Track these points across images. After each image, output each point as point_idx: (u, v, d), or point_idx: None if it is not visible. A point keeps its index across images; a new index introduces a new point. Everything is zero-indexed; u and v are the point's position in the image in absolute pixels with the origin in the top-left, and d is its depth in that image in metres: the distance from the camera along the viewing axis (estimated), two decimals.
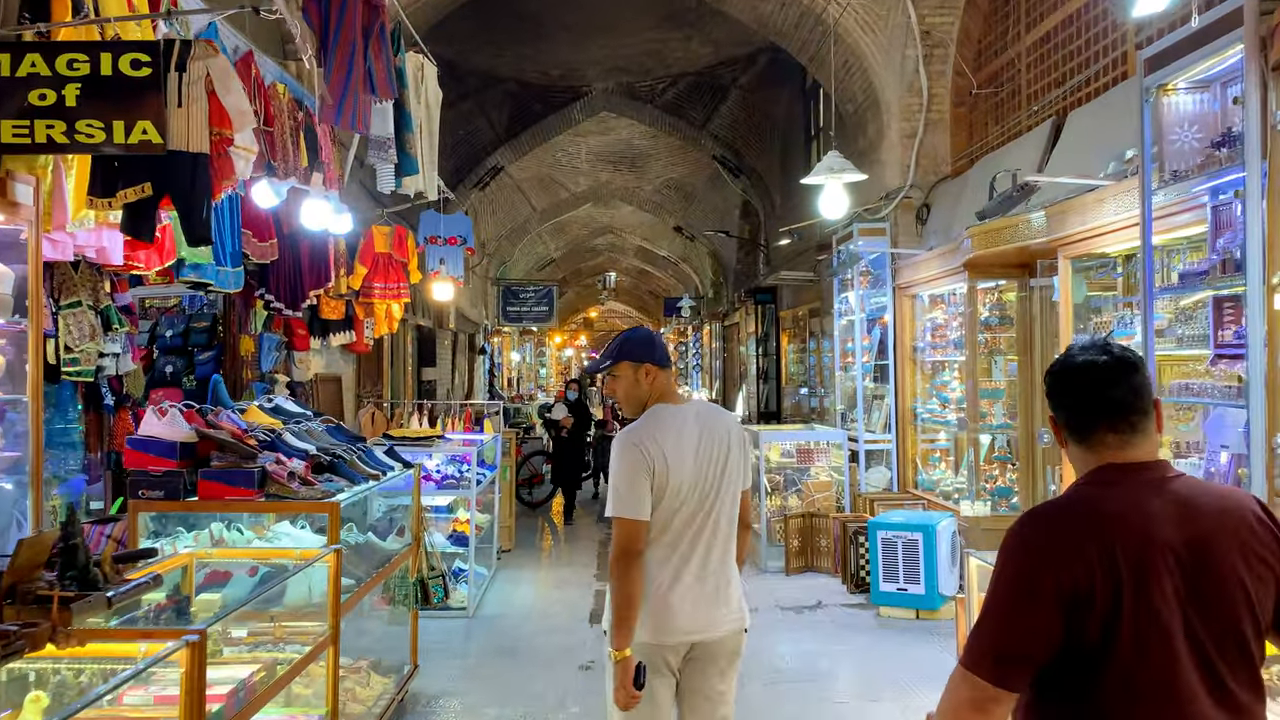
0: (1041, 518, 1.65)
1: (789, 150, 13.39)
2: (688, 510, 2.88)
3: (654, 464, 2.83)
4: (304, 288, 6.83)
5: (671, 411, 3.00)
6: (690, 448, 2.91)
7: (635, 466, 2.82)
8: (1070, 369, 1.69)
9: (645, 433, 2.89)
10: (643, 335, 3.22)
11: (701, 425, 2.99)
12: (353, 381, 9.42)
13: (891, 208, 8.47)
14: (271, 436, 3.98)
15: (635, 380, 3.04)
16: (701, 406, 3.26)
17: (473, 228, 8.96)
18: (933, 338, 8.03)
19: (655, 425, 2.92)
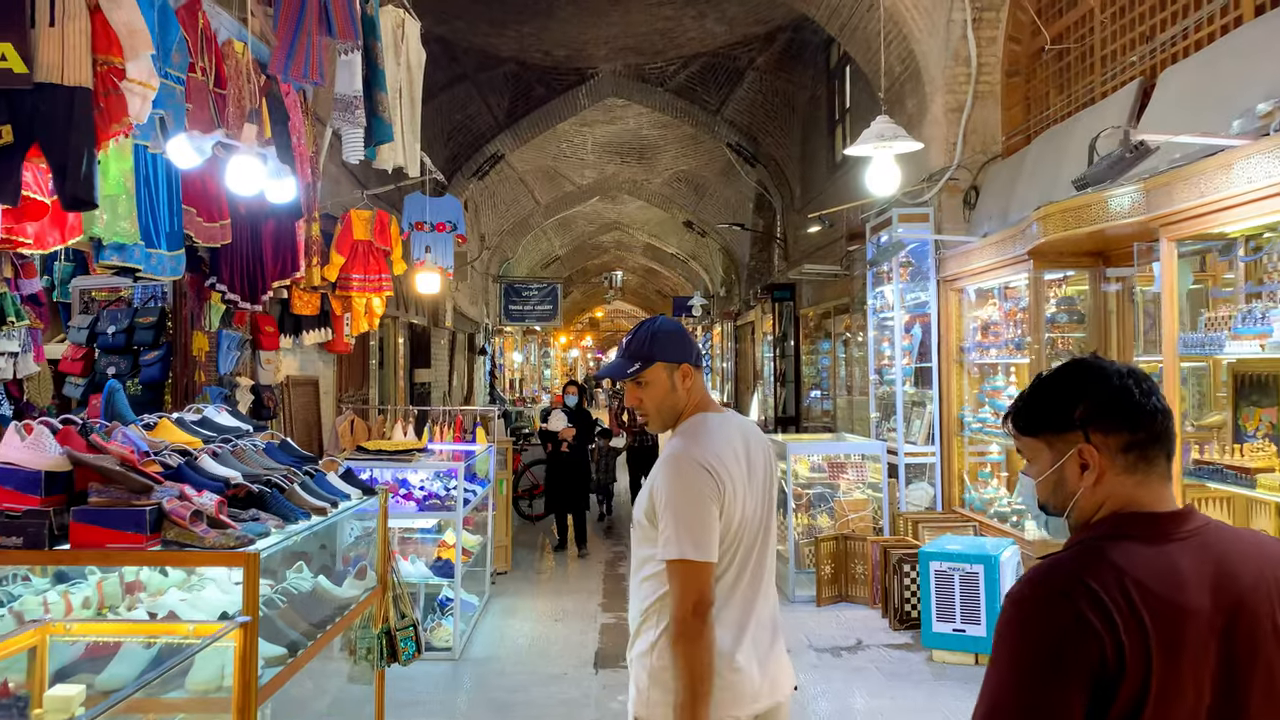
0: (1060, 575, 1.38)
1: (810, 136, 12.46)
2: (745, 548, 2.36)
3: (724, 491, 2.28)
4: (265, 278, 5.92)
5: (718, 423, 2.42)
6: (745, 470, 2.37)
7: (706, 495, 2.25)
8: (1137, 375, 1.45)
9: (709, 451, 2.31)
10: (674, 327, 2.49)
11: (747, 442, 2.45)
12: (333, 385, 8.52)
13: (935, 191, 7.53)
14: (182, 461, 3.06)
15: (671, 386, 2.42)
16: (739, 418, 2.59)
17: (464, 213, 8.05)
18: (983, 337, 7.09)
19: (711, 441, 2.35)
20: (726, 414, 2.52)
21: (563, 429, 9.02)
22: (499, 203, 18.32)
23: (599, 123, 17.32)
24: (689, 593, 2.18)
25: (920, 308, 7.66)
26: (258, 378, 6.81)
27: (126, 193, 4.20)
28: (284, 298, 7.12)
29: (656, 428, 2.56)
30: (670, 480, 2.28)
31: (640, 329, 2.49)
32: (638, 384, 2.45)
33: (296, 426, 7.49)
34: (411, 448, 5.85)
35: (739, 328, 19.33)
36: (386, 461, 5.77)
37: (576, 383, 9.76)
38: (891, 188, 6.46)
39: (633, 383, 2.46)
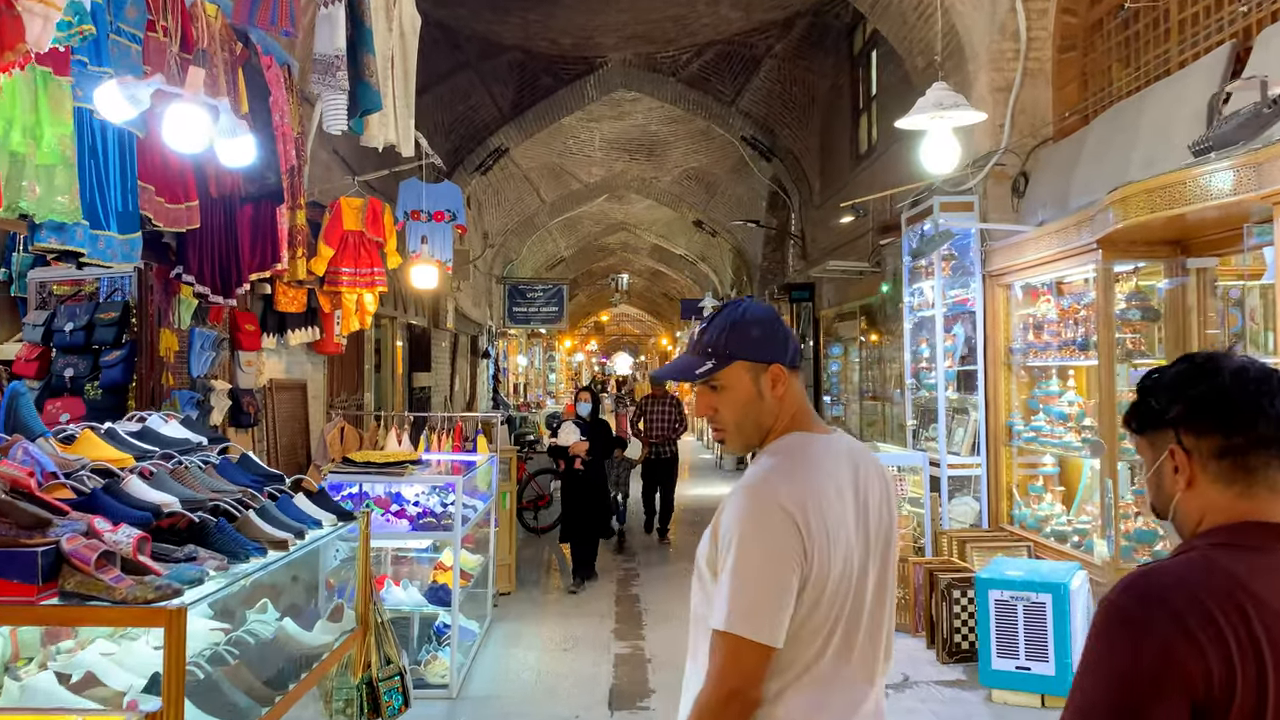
0: (1164, 585, 1.25)
1: (831, 127, 11.82)
2: (844, 617, 1.73)
3: (811, 547, 1.67)
4: (241, 269, 5.30)
5: (820, 448, 1.81)
6: (853, 513, 1.76)
7: (783, 550, 1.65)
8: (1257, 376, 1.32)
9: (799, 487, 1.70)
10: (763, 314, 1.89)
11: (858, 475, 1.82)
12: (323, 389, 7.88)
13: (980, 177, 6.88)
14: (99, 485, 2.43)
15: (756, 394, 1.83)
16: (849, 441, 1.93)
17: (464, 201, 7.40)
18: (1034, 337, 6.44)
19: (806, 473, 1.74)
20: (833, 435, 1.88)
21: (574, 443, 7.88)
22: (503, 201, 17.70)
23: (606, 118, 16.71)
24: (727, 678, 1.64)
25: (961, 305, 7.01)
26: (236, 381, 6.18)
27: (65, 163, 3.57)
28: (266, 293, 6.49)
29: (736, 447, 1.92)
30: (739, 521, 1.68)
31: (718, 316, 1.87)
32: (711, 389, 1.85)
33: (281, 434, 6.85)
34: (404, 459, 5.21)
35: None
36: (375, 475, 5.13)
37: (590, 389, 8.55)
38: (950, 164, 5.79)
39: (705, 387, 1.86)
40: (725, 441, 1.93)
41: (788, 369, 1.83)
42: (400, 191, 7.13)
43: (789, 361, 1.84)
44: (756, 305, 1.95)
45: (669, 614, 6.98)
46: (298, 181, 6.22)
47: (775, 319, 1.91)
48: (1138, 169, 5.11)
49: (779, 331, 1.85)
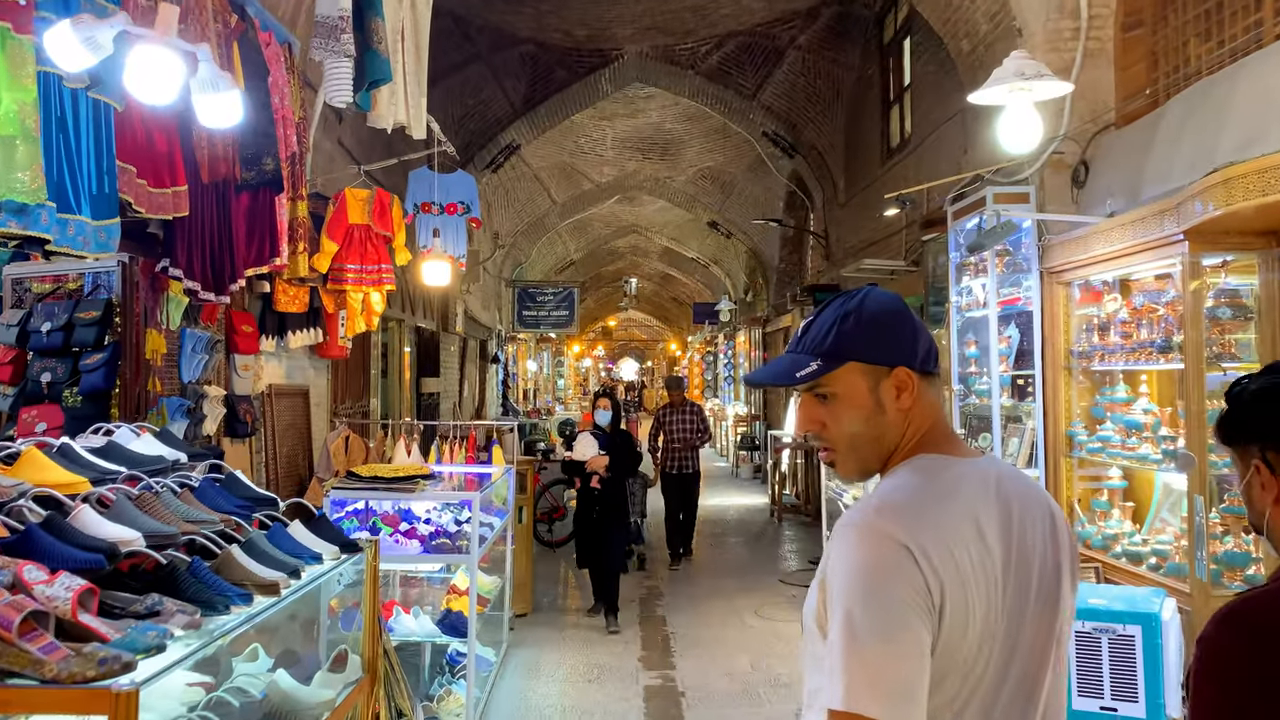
0: (1262, 619, 1.19)
1: (858, 121, 11.31)
2: (990, 692, 1.31)
3: (943, 597, 1.27)
4: (235, 264, 4.80)
5: (955, 476, 1.40)
6: (1000, 560, 1.35)
7: (903, 598, 1.24)
8: None
9: (921, 521, 1.31)
10: (887, 304, 1.48)
11: (1010, 512, 1.39)
12: (326, 395, 7.38)
13: (1036, 167, 6.36)
14: (35, 521, 1.92)
15: (874, 404, 1.42)
16: (999, 468, 1.48)
17: (478, 193, 6.90)
18: (1100, 339, 5.90)
19: (932, 506, 1.34)
20: (979, 460, 1.45)
21: (592, 458, 6.82)
22: (513, 201, 17.22)
23: (619, 116, 16.24)
24: None
25: (1013, 305, 6.48)
26: (232, 387, 5.69)
27: (26, 134, 3.08)
28: (265, 292, 6.01)
29: (850, 472, 1.48)
30: (846, 569, 1.29)
31: (828, 305, 1.47)
32: (817, 397, 1.44)
33: (281, 445, 6.35)
34: (414, 473, 4.70)
35: (769, 335, 18.15)
36: (383, 491, 4.62)
37: (610, 394, 7.32)
38: (1032, 141, 5.23)
39: (809, 396, 1.45)
40: (836, 465, 1.48)
41: (917, 374, 1.44)
42: (410, 182, 6.63)
43: (919, 364, 1.44)
44: (879, 293, 1.49)
45: (697, 640, 6.46)
46: (299, 170, 5.73)
47: (902, 310, 1.48)
48: (1231, 151, 4.58)
49: (906, 326, 1.45)
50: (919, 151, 8.95)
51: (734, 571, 8.82)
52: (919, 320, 1.49)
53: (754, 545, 10.42)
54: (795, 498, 12.79)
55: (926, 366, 1.46)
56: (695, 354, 29.28)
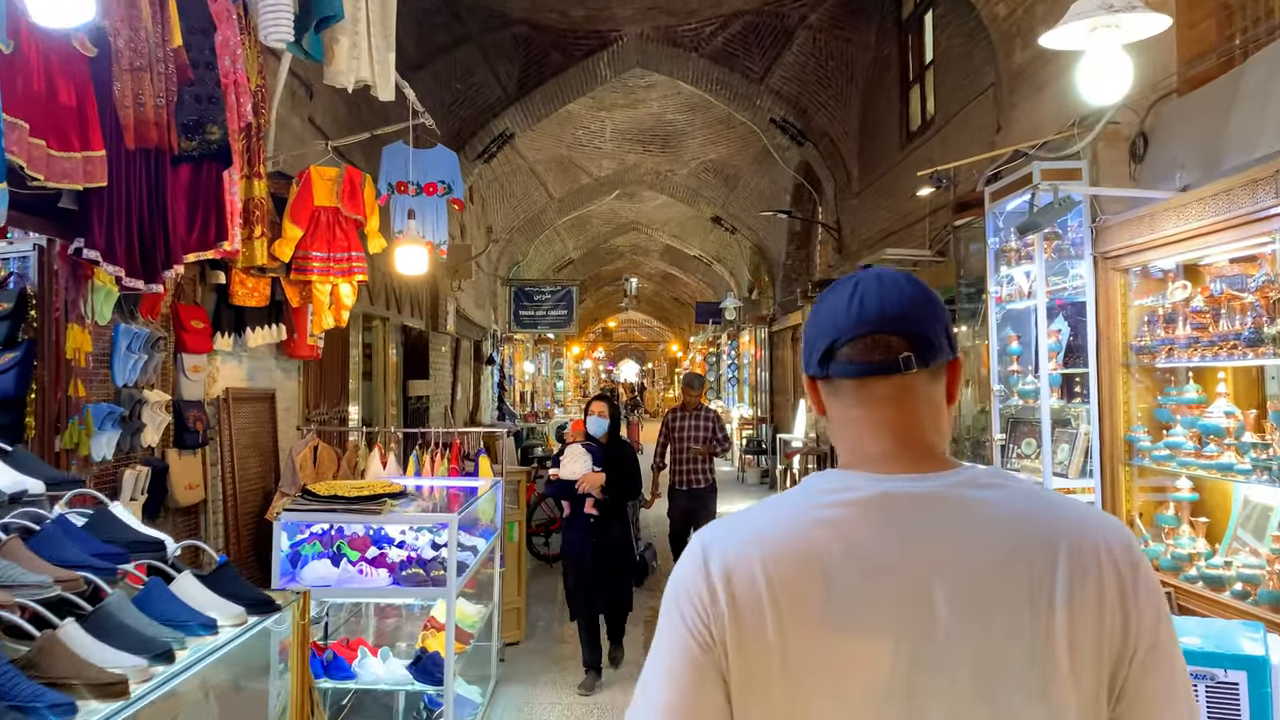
0: None
1: (873, 105, 10.62)
2: None
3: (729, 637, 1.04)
4: (172, 246, 4.11)
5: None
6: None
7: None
8: None
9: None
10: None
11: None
12: (297, 400, 6.68)
13: (1089, 139, 5.66)
14: None
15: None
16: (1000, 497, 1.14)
17: (461, 171, 6.17)
18: (1165, 331, 5.20)
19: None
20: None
21: (584, 477, 5.43)
22: (509, 196, 16.54)
23: (619, 106, 15.57)
24: None
25: (1061, 294, 5.78)
26: (180, 391, 4.99)
27: None
28: (220, 283, 5.31)
29: None
30: None
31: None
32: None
33: (241, 456, 5.65)
34: (382, 490, 4.01)
35: (775, 334, 17.46)
36: (342, 513, 3.92)
37: (606, 398, 5.94)
38: (1119, 91, 4.48)
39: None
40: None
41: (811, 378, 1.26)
42: (383, 159, 5.92)
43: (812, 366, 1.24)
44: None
45: None
46: (256, 145, 5.05)
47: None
48: None
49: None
50: (944, 133, 8.26)
51: None
52: (832, 301, 1.20)
53: None
54: None
55: (823, 369, 1.20)
56: (697, 355, 28.58)
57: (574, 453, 5.51)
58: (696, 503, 7.87)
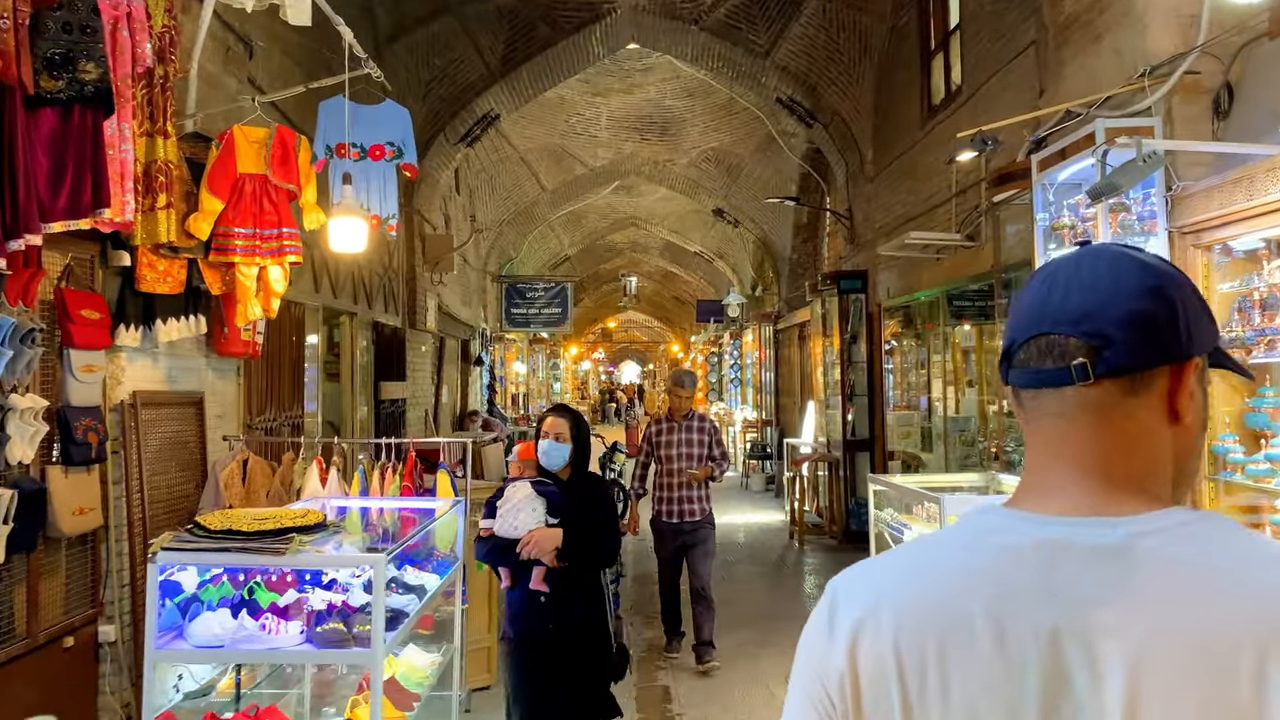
0: None
1: (890, 80, 9.72)
2: None
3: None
4: (23, 211, 3.22)
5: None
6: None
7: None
8: None
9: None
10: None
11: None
12: (236, 404, 5.80)
13: (1162, 92, 4.77)
14: None
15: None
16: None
17: (412, 130, 5.24)
18: (1263, 319, 4.31)
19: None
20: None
21: (532, 533, 3.51)
22: (498, 187, 15.66)
23: (614, 91, 14.70)
24: None
25: None
26: (67, 396, 4.10)
27: None
28: (124, 265, 4.43)
29: None
30: None
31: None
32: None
33: (157, 471, 4.76)
34: (292, 524, 3.12)
35: (781, 332, 16.57)
36: (236, 552, 3.03)
37: (572, 410, 3.99)
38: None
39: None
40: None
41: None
42: (320, 117, 5.00)
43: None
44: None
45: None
46: (162, 98, 4.16)
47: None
48: None
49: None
50: (974, 102, 7.37)
51: (752, 617, 7.21)
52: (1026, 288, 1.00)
53: (774, 578, 8.82)
54: (817, 515, 11.19)
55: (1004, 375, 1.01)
56: (698, 355, 27.68)
57: (518, 495, 3.59)
58: (692, 541, 6.18)
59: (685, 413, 6.37)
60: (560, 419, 3.74)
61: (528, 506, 3.59)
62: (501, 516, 3.60)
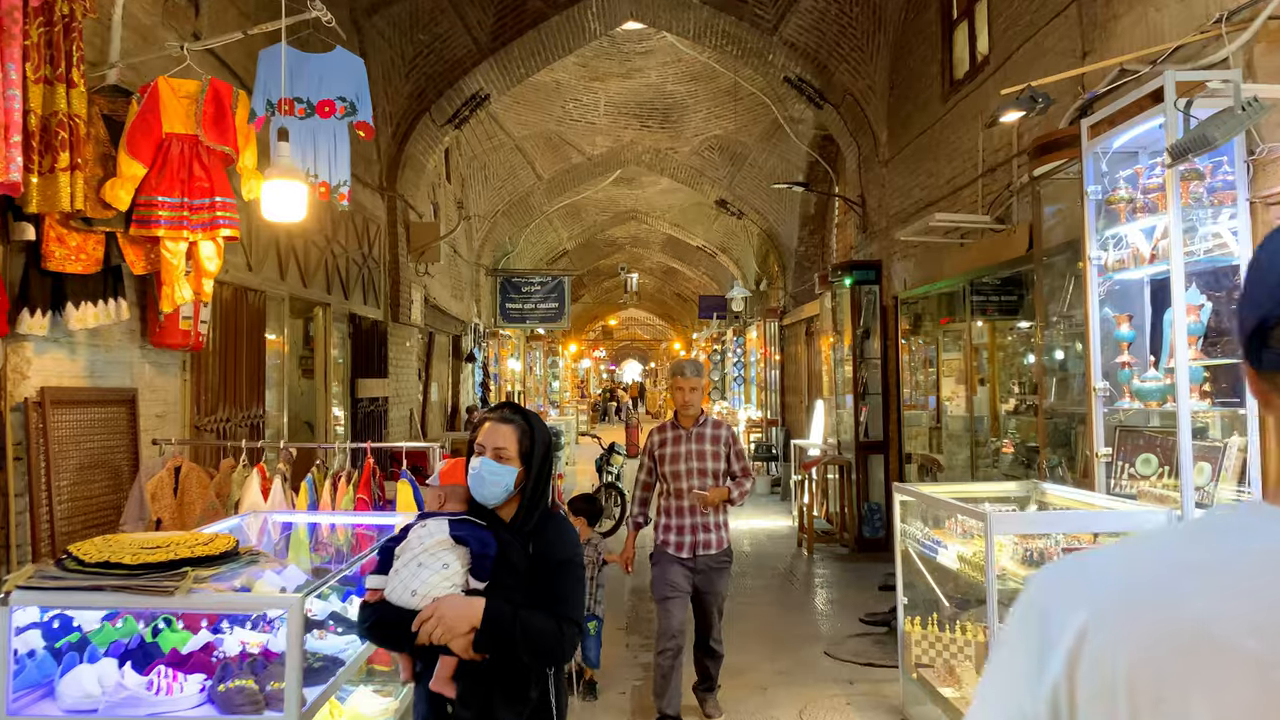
0: None
1: (907, 55, 9.06)
2: None
3: None
4: None
5: None
6: None
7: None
8: None
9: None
10: None
11: None
12: (181, 403, 5.15)
13: (1242, 41, 4.11)
14: None
15: None
16: None
17: (368, 83, 4.54)
18: None
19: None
20: None
21: (433, 605, 2.16)
22: (492, 175, 15.02)
23: (613, 76, 14.08)
24: None
25: (1191, 261, 4.22)
26: None
27: None
28: (30, 239, 3.78)
29: None
30: None
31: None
32: None
33: (75, 481, 4.11)
34: (190, 554, 2.47)
35: (787, 328, 15.91)
36: (112, 592, 2.38)
37: (522, 411, 2.47)
38: None
39: None
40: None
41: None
42: (259, 67, 4.32)
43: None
44: None
45: None
46: (62, 38, 3.51)
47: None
48: None
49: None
50: (1004, 72, 6.70)
51: (761, 638, 6.55)
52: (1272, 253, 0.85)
53: (783, 592, 8.15)
54: (827, 522, 10.53)
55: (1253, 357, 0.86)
56: (701, 353, 27.00)
57: (426, 542, 2.30)
58: (706, 583, 4.84)
59: (696, 417, 4.92)
60: (504, 426, 2.36)
61: (436, 561, 2.24)
62: (396, 573, 2.26)
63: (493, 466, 2.30)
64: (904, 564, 5.01)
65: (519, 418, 2.41)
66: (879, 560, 8.63)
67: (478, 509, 2.36)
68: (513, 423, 2.38)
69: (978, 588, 4.35)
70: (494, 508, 2.35)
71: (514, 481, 2.33)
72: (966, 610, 5.05)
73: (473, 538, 2.27)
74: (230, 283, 5.67)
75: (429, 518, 2.37)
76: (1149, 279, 4.66)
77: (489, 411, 2.44)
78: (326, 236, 7.63)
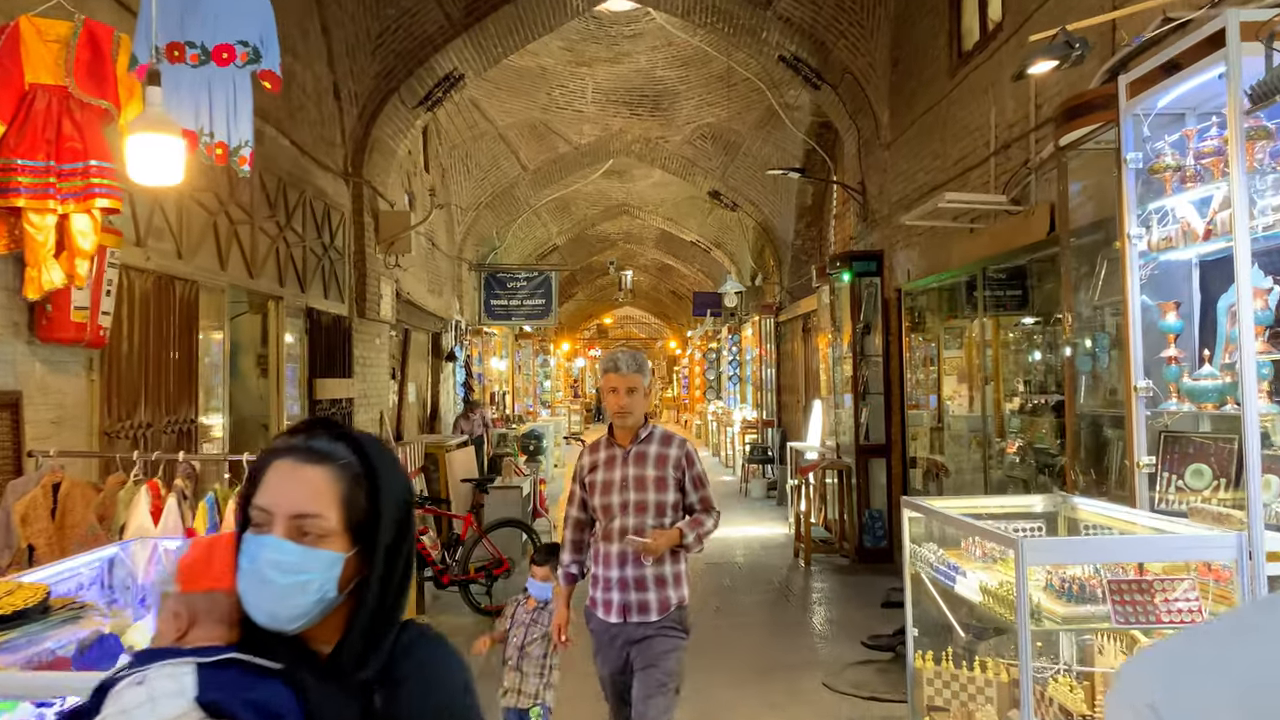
0: None
1: (910, 29, 8.41)
2: None
3: None
4: None
5: None
6: None
7: None
8: None
9: None
10: None
11: None
12: (89, 407, 4.50)
13: None
14: None
15: None
16: None
17: (274, 25, 3.84)
18: None
19: None
20: None
21: None
22: (474, 166, 14.37)
23: (600, 61, 13.45)
24: None
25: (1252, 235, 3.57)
26: None
27: None
28: None
29: None
30: None
31: None
32: None
33: None
34: None
35: (783, 324, 15.27)
36: None
37: (351, 437, 1.26)
38: None
39: None
40: None
41: None
42: (143, 3, 3.63)
43: None
44: None
45: None
46: None
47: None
48: None
49: None
50: (1019, 38, 6.06)
51: (753, 666, 5.89)
52: None
53: (778, 610, 7.50)
54: (826, 530, 9.89)
55: None
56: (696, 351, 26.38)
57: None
58: (641, 655, 3.46)
59: (636, 430, 3.59)
60: (311, 470, 1.22)
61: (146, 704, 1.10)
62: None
63: (287, 553, 1.17)
64: (915, 592, 4.36)
65: (344, 450, 1.25)
66: (881, 572, 8.00)
67: (261, 636, 1.21)
68: (331, 462, 1.23)
69: (998, 616, 3.72)
70: (294, 632, 1.20)
71: (335, 581, 1.19)
72: (984, 639, 4.42)
73: (245, 703, 1.12)
74: (152, 271, 5.03)
75: (152, 661, 1.17)
76: (1198, 260, 4.02)
77: (286, 438, 1.28)
78: (279, 224, 6.98)
